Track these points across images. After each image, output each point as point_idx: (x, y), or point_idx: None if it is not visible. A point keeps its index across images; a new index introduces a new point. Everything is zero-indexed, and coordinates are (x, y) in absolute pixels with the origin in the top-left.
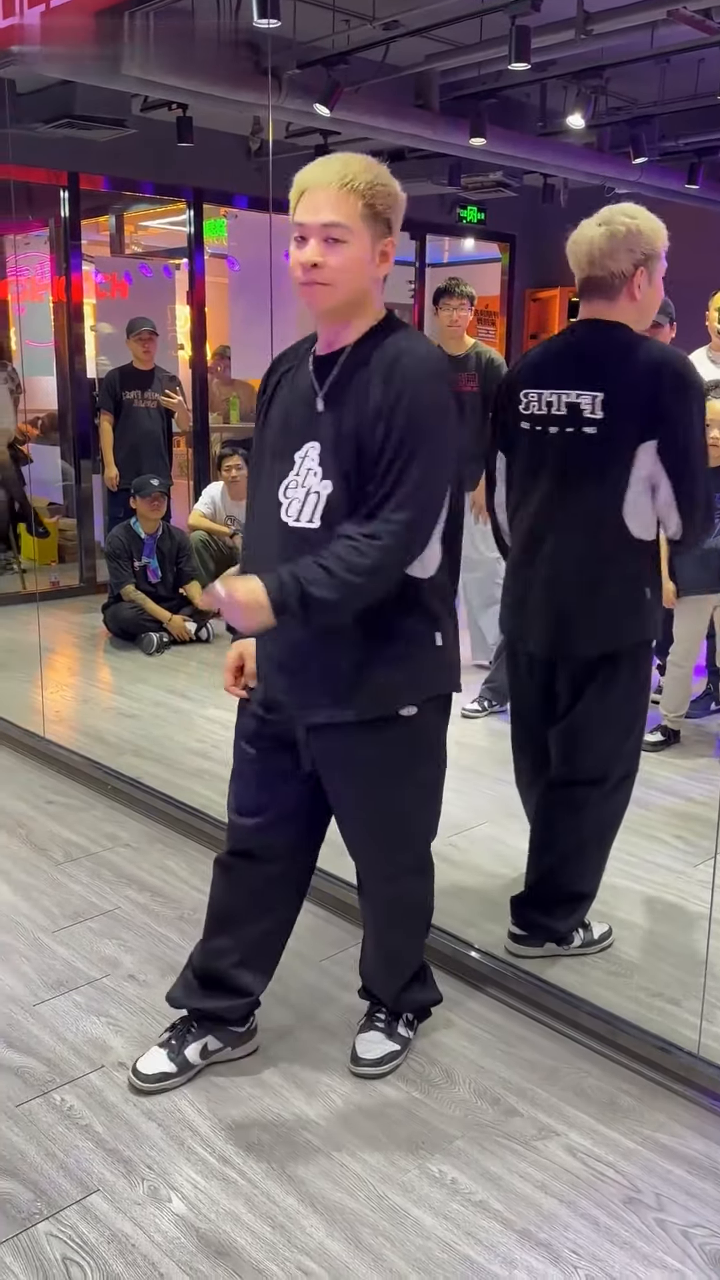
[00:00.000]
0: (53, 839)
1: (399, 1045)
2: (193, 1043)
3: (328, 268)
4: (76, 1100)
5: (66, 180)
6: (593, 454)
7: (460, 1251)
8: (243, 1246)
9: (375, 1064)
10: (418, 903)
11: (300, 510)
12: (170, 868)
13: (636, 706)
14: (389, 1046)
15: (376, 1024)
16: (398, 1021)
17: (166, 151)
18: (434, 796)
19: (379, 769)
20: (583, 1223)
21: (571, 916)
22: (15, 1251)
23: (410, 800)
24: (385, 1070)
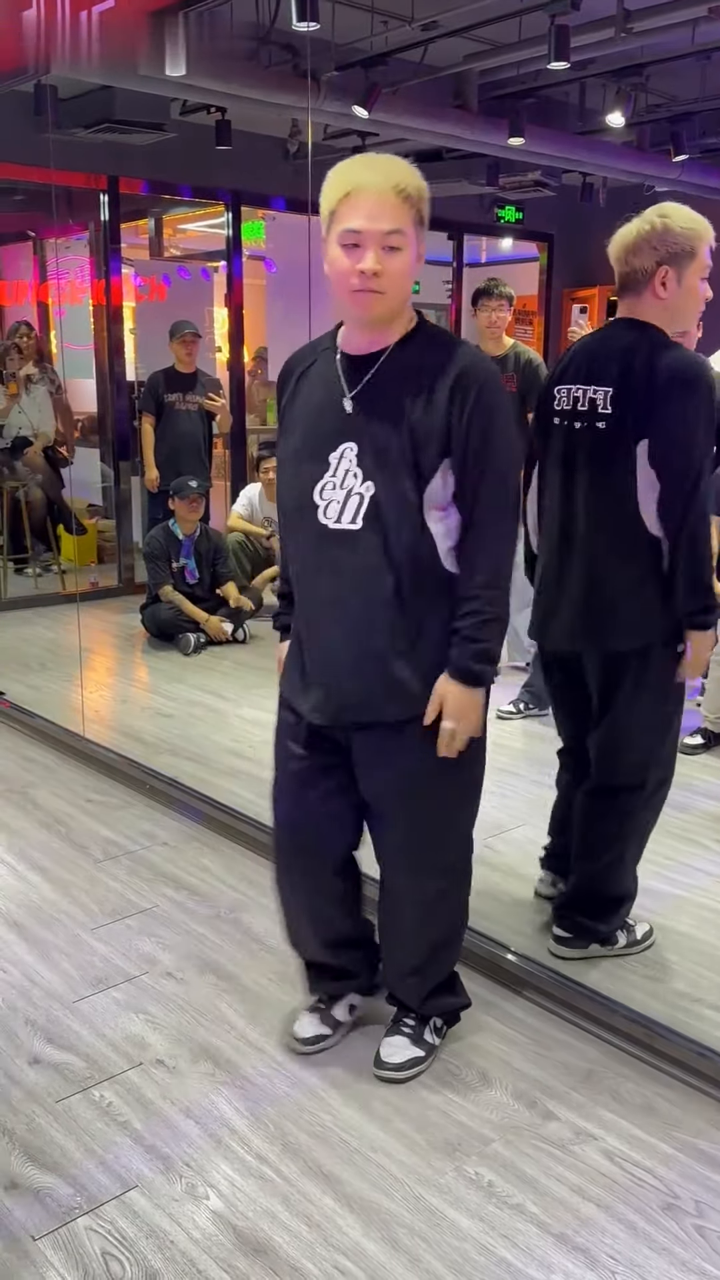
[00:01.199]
0: (92, 837)
1: (424, 1051)
2: (338, 1004)
3: (387, 275)
4: (115, 1097)
5: (106, 184)
6: (604, 448)
7: (497, 1254)
8: (280, 1245)
9: (398, 1068)
10: (456, 905)
11: (341, 512)
12: (207, 866)
13: (670, 705)
14: (413, 1052)
15: (403, 1029)
16: (425, 1027)
17: (205, 154)
18: (475, 796)
19: (421, 768)
20: (620, 1228)
21: (615, 918)
22: (55, 1245)
23: (452, 799)
24: (408, 1075)
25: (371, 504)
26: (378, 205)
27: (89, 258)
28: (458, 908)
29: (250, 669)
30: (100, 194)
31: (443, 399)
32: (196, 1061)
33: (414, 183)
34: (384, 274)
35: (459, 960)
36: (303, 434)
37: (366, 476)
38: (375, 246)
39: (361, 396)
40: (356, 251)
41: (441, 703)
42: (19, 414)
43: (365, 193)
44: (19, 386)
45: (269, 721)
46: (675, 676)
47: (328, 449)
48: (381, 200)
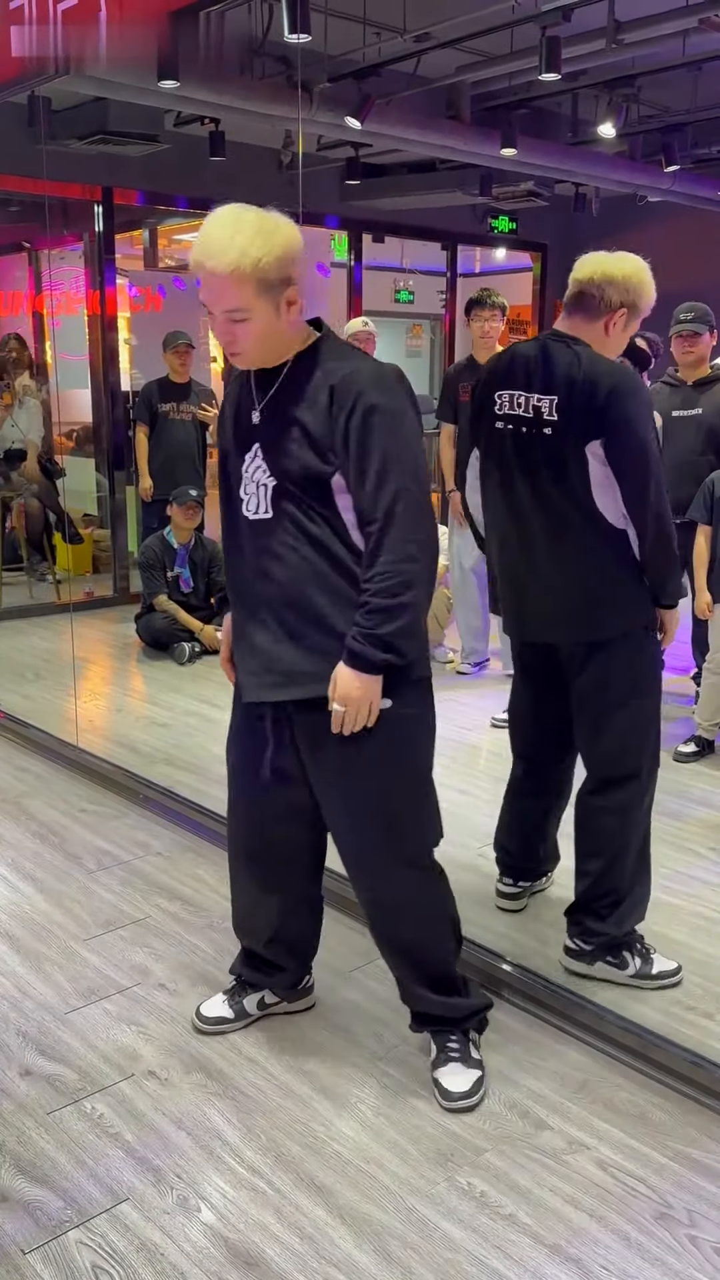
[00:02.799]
0: (85, 847)
1: (480, 1071)
2: (252, 994)
3: (238, 342)
4: (107, 1109)
5: (101, 195)
6: (554, 451)
7: (489, 1265)
8: (271, 1257)
9: (465, 1096)
10: (429, 904)
11: (256, 504)
12: (201, 876)
13: (654, 690)
14: (473, 1075)
15: (451, 1055)
16: (468, 1045)
17: (199, 166)
18: (421, 784)
19: (356, 752)
20: (613, 1238)
21: (624, 921)
22: (46, 1259)
23: (395, 786)
24: (478, 1100)
25: (275, 492)
26: (217, 287)
27: (84, 268)
28: (434, 909)
29: None
30: (95, 205)
31: (324, 403)
32: (189, 1073)
33: (251, 255)
34: (235, 341)
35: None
36: (227, 438)
37: (270, 471)
38: (224, 321)
39: (265, 409)
40: (213, 320)
41: (333, 685)
42: (11, 426)
43: (206, 275)
44: (12, 398)
45: None
46: (655, 652)
47: (244, 450)
48: (220, 282)
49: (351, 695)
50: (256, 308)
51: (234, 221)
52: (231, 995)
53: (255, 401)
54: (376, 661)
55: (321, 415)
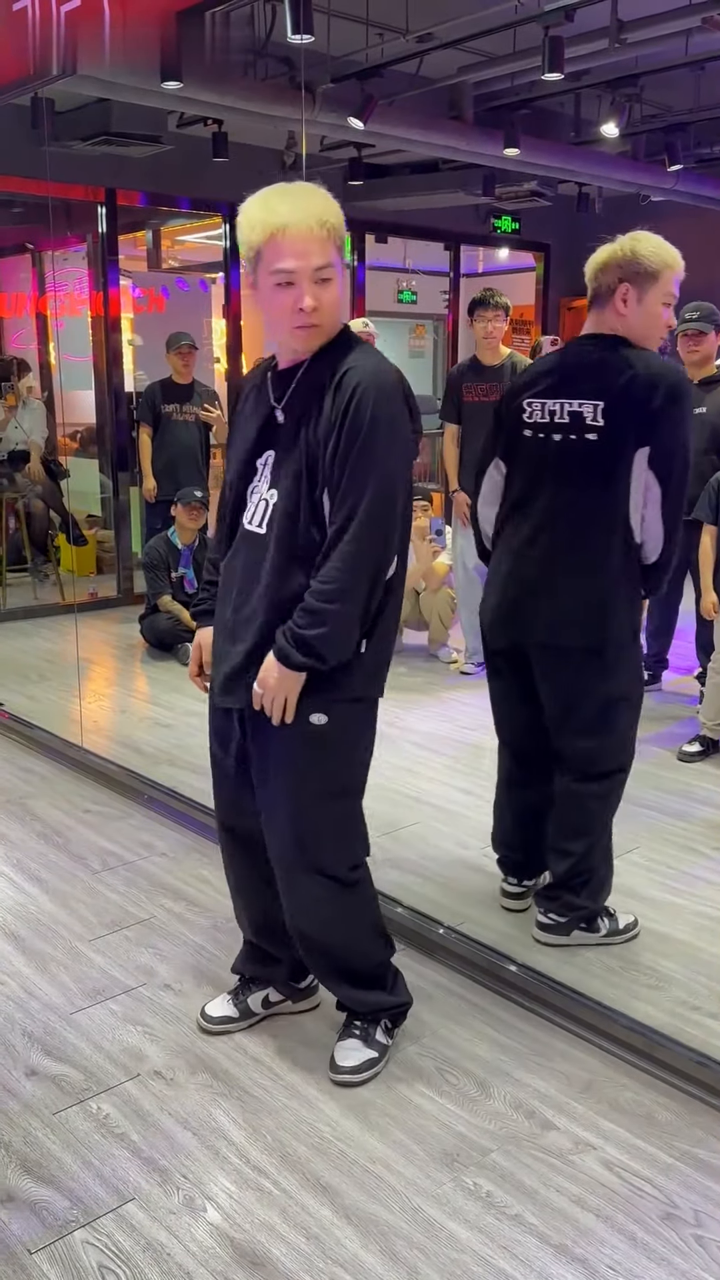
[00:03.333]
0: (90, 848)
1: (376, 1052)
2: (256, 992)
3: (322, 308)
4: (113, 1109)
5: (104, 196)
6: (595, 459)
7: (495, 1265)
8: (277, 1257)
9: (353, 1071)
10: (342, 912)
11: (253, 515)
12: (205, 877)
13: (632, 697)
14: (367, 1054)
15: (353, 1031)
16: (375, 1027)
17: (202, 167)
18: (343, 801)
19: (282, 761)
20: (619, 1238)
21: (601, 894)
22: (52, 1259)
23: (311, 803)
24: (363, 1078)
25: (273, 510)
26: (305, 243)
27: (87, 270)
28: (336, 915)
29: None
30: (98, 206)
31: (328, 405)
32: (194, 1073)
33: (333, 212)
34: (320, 307)
35: (383, 957)
36: (239, 443)
37: (272, 484)
38: (308, 282)
39: (286, 407)
40: (292, 290)
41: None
42: (14, 428)
43: (292, 232)
44: (16, 399)
45: None
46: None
47: (255, 456)
48: (309, 237)
49: (268, 683)
50: (338, 267)
51: (302, 188)
52: (235, 994)
53: (274, 400)
54: (295, 661)
55: (325, 419)
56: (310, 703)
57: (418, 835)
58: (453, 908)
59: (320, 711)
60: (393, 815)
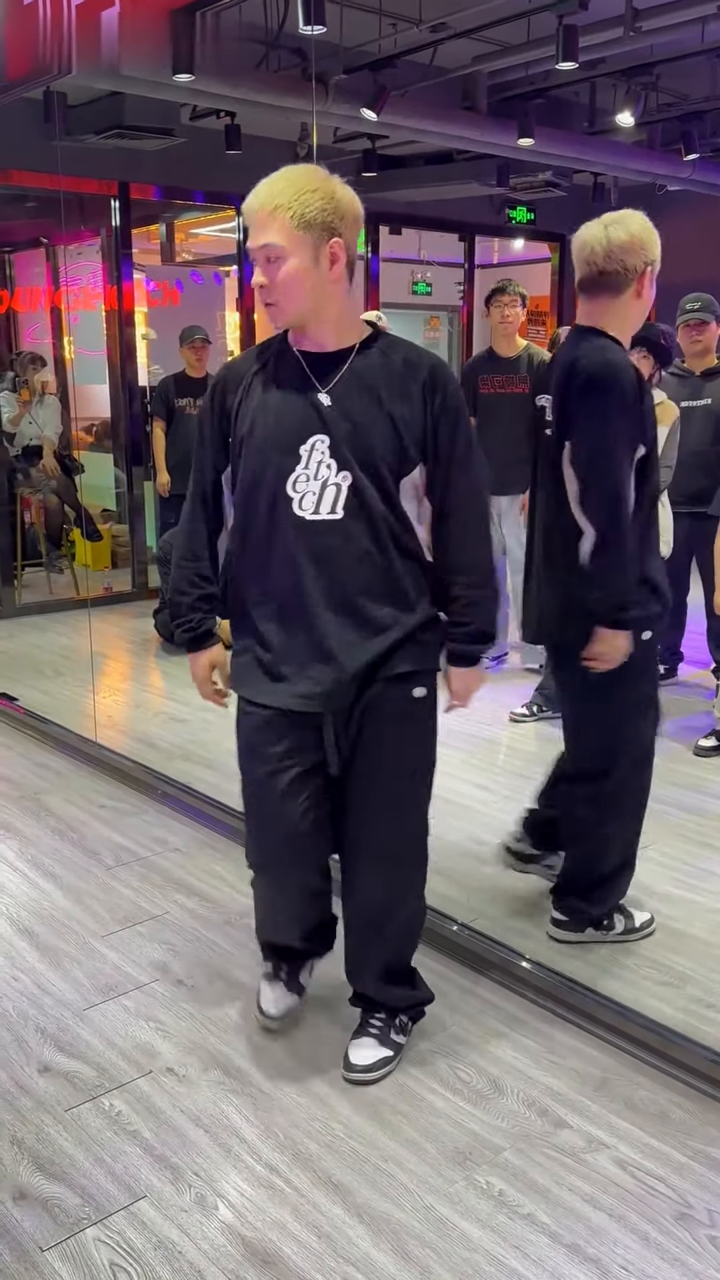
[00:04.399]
0: (104, 843)
1: (392, 1051)
2: (302, 970)
3: (273, 287)
4: (125, 1106)
5: (117, 190)
6: (550, 453)
7: (508, 1265)
8: (289, 1256)
9: (367, 1070)
10: (419, 895)
11: (318, 503)
12: (219, 873)
13: (635, 693)
14: (381, 1052)
15: (370, 1030)
16: (391, 1026)
17: (215, 160)
18: (426, 780)
19: (393, 743)
20: (633, 1238)
21: (607, 899)
22: (64, 1256)
23: (411, 775)
24: (378, 1076)
25: (350, 492)
26: (255, 224)
27: (101, 263)
28: (418, 896)
29: None
30: (111, 200)
31: (417, 393)
32: (206, 1070)
33: (290, 190)
34: (270, 286)
35: (416, 951)
36: (266, 429)
37: (342, 467)
38: (260, 263)
39: (336, 390)
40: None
41: (450, 685)
42: (29, 424)
43: (249, 216)
44: (31, 394)
45: None
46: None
47: (297, 442)
48: (258, 219)
49: (471, 689)
50: (292, 246)
51: (286, 170)
52: (287, 980)
53: (318, 383)
54: (477, 656)
55: (415, 405)
56: (413, 678)
57: (432, 830)
58: (466, 903)
59: (421, 685)
60: None
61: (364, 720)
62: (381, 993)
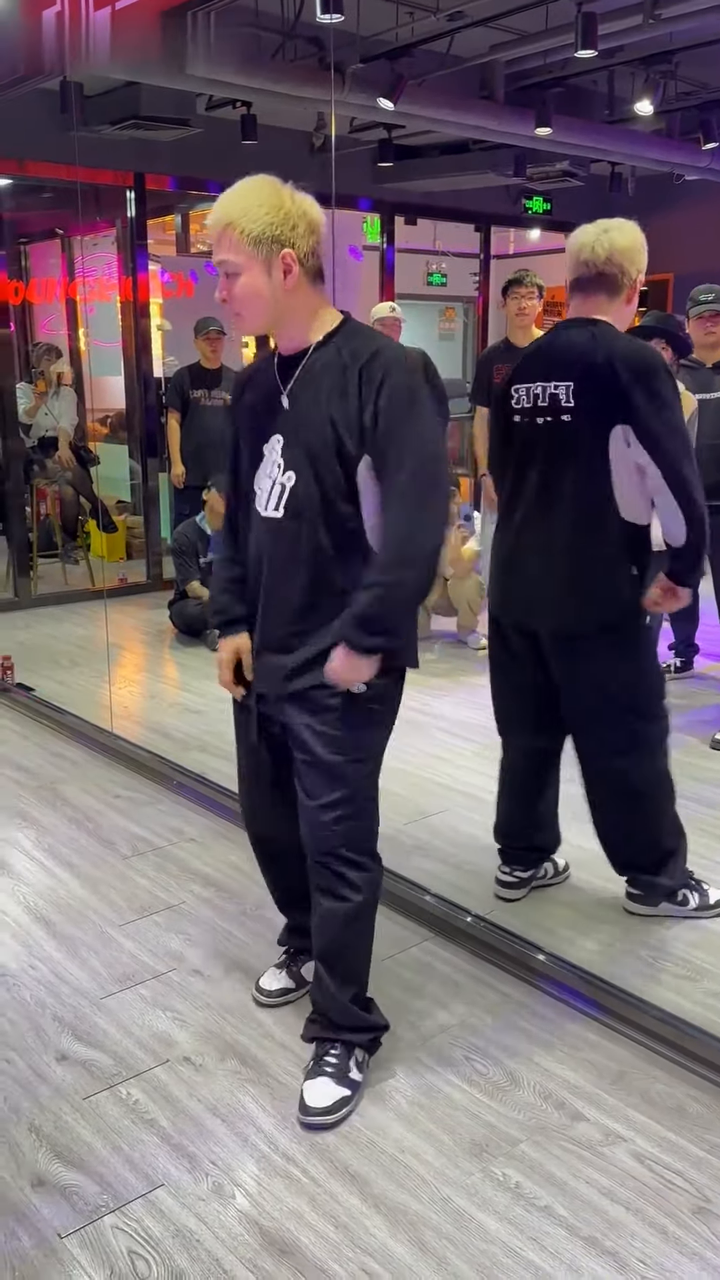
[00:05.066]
0: (120, 833)
1: (349, 1090)
2: (306, 962)
3: (232, 299)
4: (142, 1094)
5: (133, 181)
6: (571, 439)
7: (525, 1257)
8: (306, 1245)
9: (325, 1113)
10: (351, 914)
11: (268, 500)
12: (234, 863)
13: (640, 679)
14: (339, 1092)
15: (325, 1068)
16: (349, 1061)
17: (231, 150)
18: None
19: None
20: (650, 1231)
21: (675, 868)
22: (82, 1243)
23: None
24: (337, 1119)
25: (290, 494)
26: (216, 241)
27: (116, 254)
28: (352, 916)
29: None
30: (127, 191)
31: (354, 385)
32: (223, 1059)
33: (238, 207)
34: (230, 299)
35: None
36: (245, 429)
37: (288, 467)
38: (220, 276)
39: (292, 392)
40: None
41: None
42: (45, 415)
43: (212, 232)
44: (47, 385)
45: None
46: (649, 611)
47: (262, 441)
48: (216, 236)
49: (346, 676)
50: (245, 262)
51: (240, 185)
52: (286, 967)
53: (281, 385)
54: (362, 645)
55: (350, 400)
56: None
57: (446, 823)
58: (481, 895)
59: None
60: (421, 802)
61: (294, 715)
62: (340, 1011)
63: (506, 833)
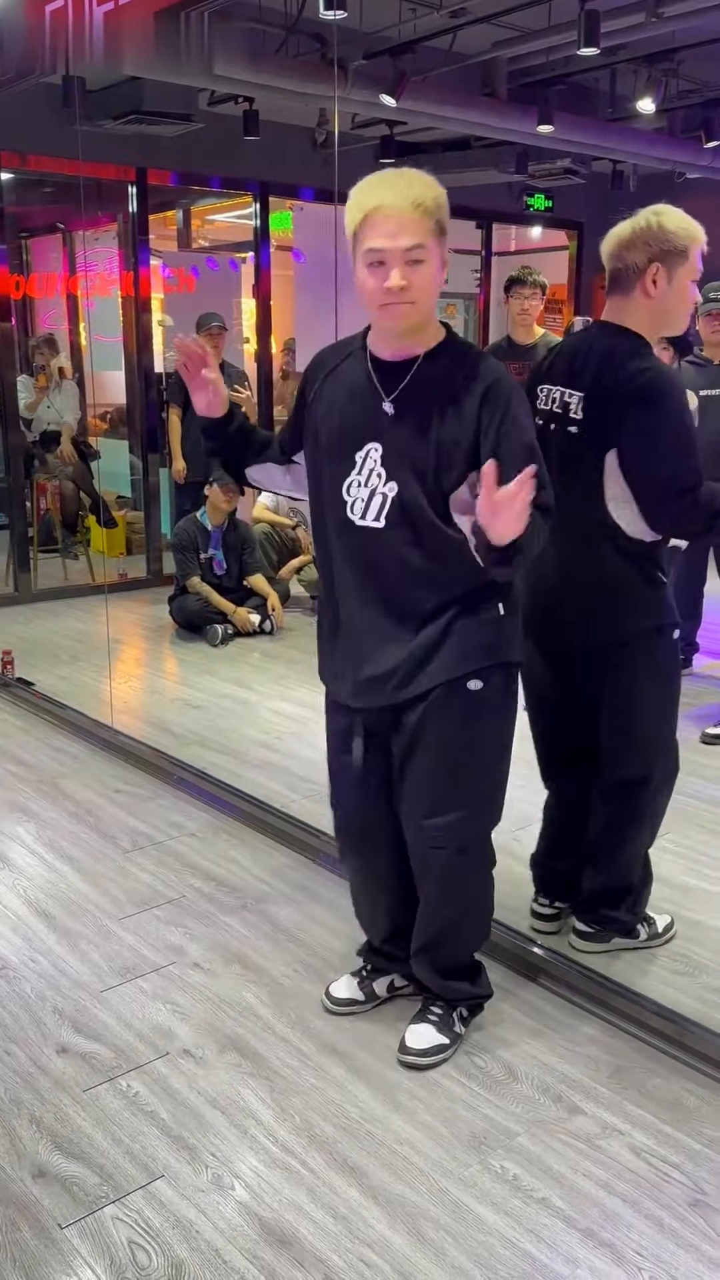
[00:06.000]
0: (120, 827)
1: (449, 1039)
2: (381, 978)
3: (413, 289)
4: (142, 1087)
5: (135, 176)
6: (575, 451)
7: (522, 1249)
8: (305, 1236)
9: (422, 1054)
10: (475, 885)
11: (366, 509)
12: (234, 858)
13: (657, 695)
14: (438, 1039)
15: (430, 1017)
16: (452, 1015)
17: (233, 145)
18: (496, 772)
19: (450, 734)
20: (646, 1224)
21: (638, 905)
22: (83, 1234)
23: (475, 770)
24: (432, 1062)
25: (395, 503)
26: (397, 224)
27: (118, 249)
28: (476, 888)
29: (279, 660)
30: (129, 186)
31: (472, 411)
32: (223, 1052)
33: (431, 195)
34: (410, 287)
35: (481, 950)
36: (330, 433)
37: (390, 477)
38: (399, 263)
39: (399, 400)
40: (381, 270)
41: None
42: (46, 408)
43: (384, 212)
44: (48, 379)
45: (297, 714)
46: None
47: (354, 448)
48: (401, 218)
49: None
50: (431, 250)
51: (402, 173)
52: (362, 978)
53: (382, 391)
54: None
55: (467, 423)
56: (466, 669)
57: None
58: None
59: (477, 678)
60: None
61: (417, 718)
62: (441, 986)
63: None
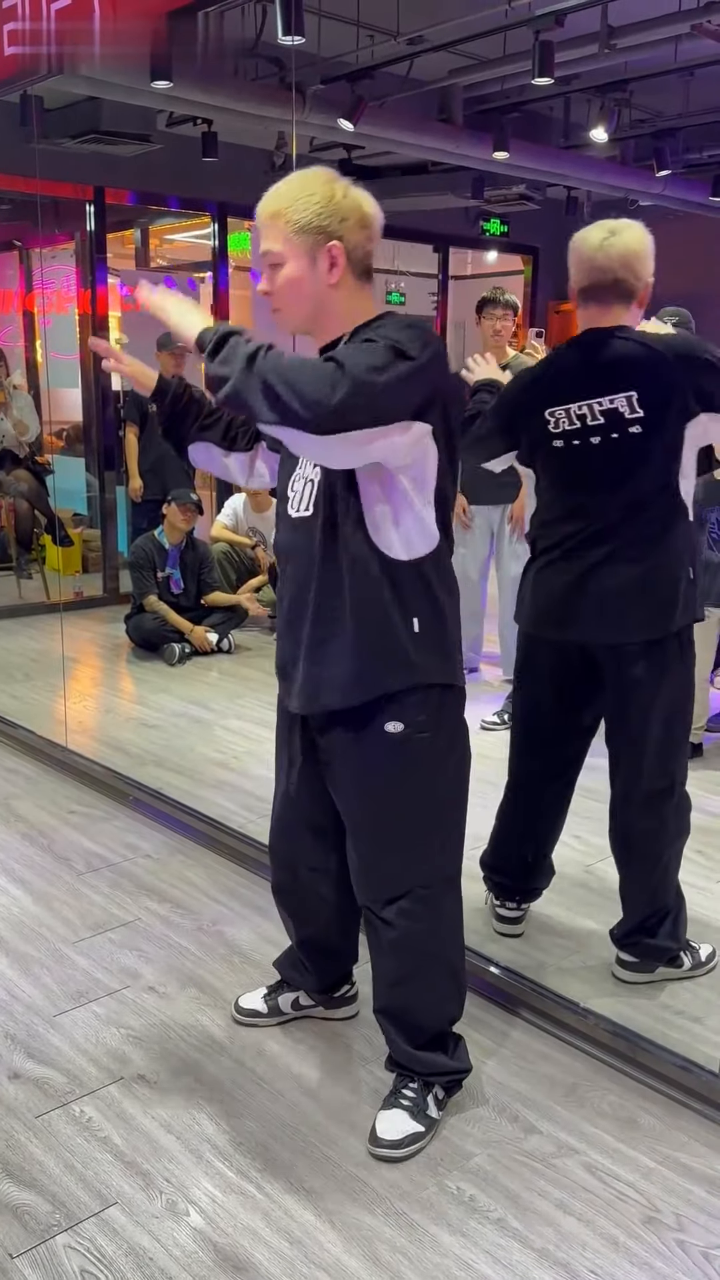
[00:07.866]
0: (74, 849)
1: (423, 1126)
2: (288, 993)
3: (274, 293)
4: (95, 1112)
5: (93, 194)
6: (641, 448)
7: (478, 1270)
8: (260, 1261)
9: (394, 1145)
10: (425, 937)
11: (299, 500)
12: (190, 879)
13: (688, 690)
14: (412, 1127)
15: (402, 1101)
16: (427, 1097)
17: (191, 166)
18: (444, 813)
19: (378, 766)
20: (601, 1242)
21: (678, 929)
22: (34, 1263)
23: (416, 809)
24: (406, 1153)
25: (320, 488)
26: (260, 233)
27: (75, 267)
28: (428, 940)
29: (235, 679)
30: (86, 204)
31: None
32: (178, 1076)
33: (286, 196)
34: (272, 291)
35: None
36: None
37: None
38: (263, 269)
39: None
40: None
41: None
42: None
43: (256, 226)
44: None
45: (254, 733)
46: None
47: None
48: (261, 228)
49: (168, 304)
50: (289, 251)
51: (292, 176)
52: (270, 991)
53: None
54: (201, 339)
55: None
56: (381, 708)
57: None
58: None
59: (395, 718)
60: None
61: (329, 747)
62: (406, 1056)
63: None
